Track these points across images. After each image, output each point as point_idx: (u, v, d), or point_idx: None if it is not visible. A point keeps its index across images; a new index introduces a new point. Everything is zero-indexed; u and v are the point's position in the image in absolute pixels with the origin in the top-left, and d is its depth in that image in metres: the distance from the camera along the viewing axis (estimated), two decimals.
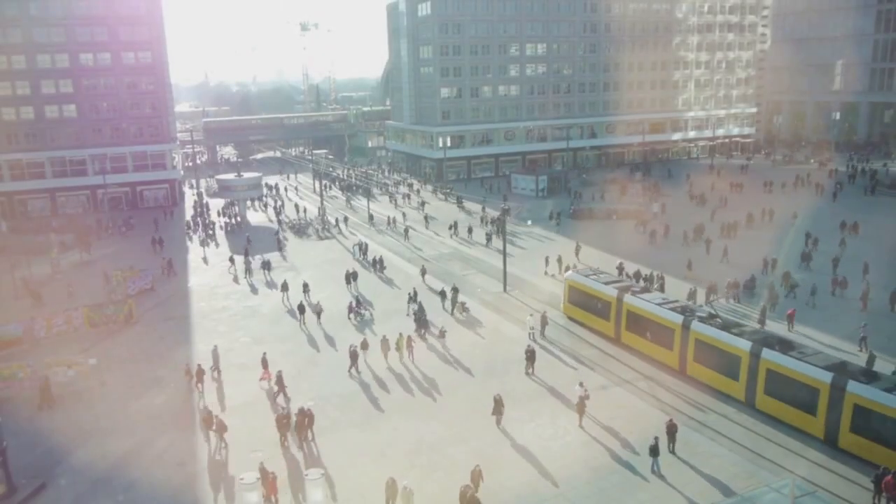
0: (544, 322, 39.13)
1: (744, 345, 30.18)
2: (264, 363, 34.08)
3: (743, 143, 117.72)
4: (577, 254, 54.17)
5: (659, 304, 35.24)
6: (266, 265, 53.36)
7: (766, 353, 29.12)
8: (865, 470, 24.67)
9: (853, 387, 25.82)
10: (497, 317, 42.36)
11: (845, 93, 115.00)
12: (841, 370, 27.05)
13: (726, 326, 32.08)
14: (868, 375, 27.07)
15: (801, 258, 49.95)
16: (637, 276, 46.51)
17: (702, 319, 32.85)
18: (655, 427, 26.25)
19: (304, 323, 42.08)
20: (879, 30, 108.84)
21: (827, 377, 26.74)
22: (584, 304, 39.91)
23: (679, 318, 33.35)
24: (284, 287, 47.31)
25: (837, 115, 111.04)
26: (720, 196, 72.41)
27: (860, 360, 32.65)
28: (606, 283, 38.93)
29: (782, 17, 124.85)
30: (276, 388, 32.06)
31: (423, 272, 51.03)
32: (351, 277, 48.80)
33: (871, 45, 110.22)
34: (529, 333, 38.28)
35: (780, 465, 25.38)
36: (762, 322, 38.23)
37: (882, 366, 32.17)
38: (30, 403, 31.96)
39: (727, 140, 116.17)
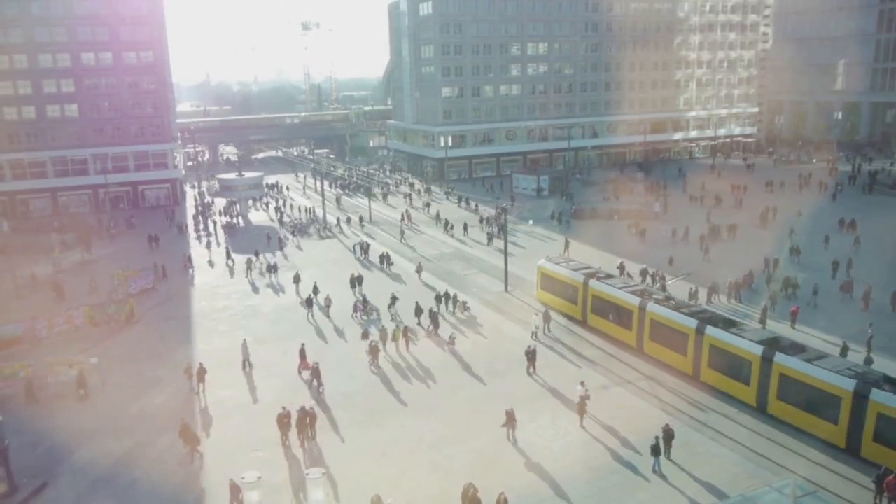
0: (547, 319, 39.46)
1: (690, 322, 32.82)
2: (302, 354, 35.08)
3: (745, 142, 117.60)
4: (566, 249, 54.86)
5: (620, 289, 37.83)
6: (273, 268, 52.53)
7: (710, 330, 31.73)
8: (867, 470, 24.66)
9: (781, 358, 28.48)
10: (498, 316, 42.34)
11: (847, 92, 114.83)
12: (704, 318, 31.76)
13: (677, 307, 34.70)
14: (793, 347, 29.55)
15: (789, 252, 49.94)
16: (644, 273, 46.59)
17: (657, 301, 35.49)
18: (656, 427, 26.21)
19: (312, 316, 42.96)
20: (881, 29, 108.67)
21: (757, 349, 29.32)
22: (554, 289, 42.32)
23: (637, 301, 35.86)
24: (296, 279, 49.10)
25: (839, 115, 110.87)
26: (717, 196, 72.22)
27: (862, 360, 32.59)
28: (575, 270, 41.38)
29: (784, 17, 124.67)
30: (312, 379, 32.94)
31: (420, 269, 51.60)
32: (356, 282, 47.66)
33: (872, 44, 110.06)
34: (533, 333, 38.42)
35: (781, 465, 25.35)
36: (763, 321, 38.19)
37: (882, 366, 32.13)
38: (57, 400, 32.09)
39: (729, 140, 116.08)
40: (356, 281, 47.58)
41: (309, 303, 43.83)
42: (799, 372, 27.68)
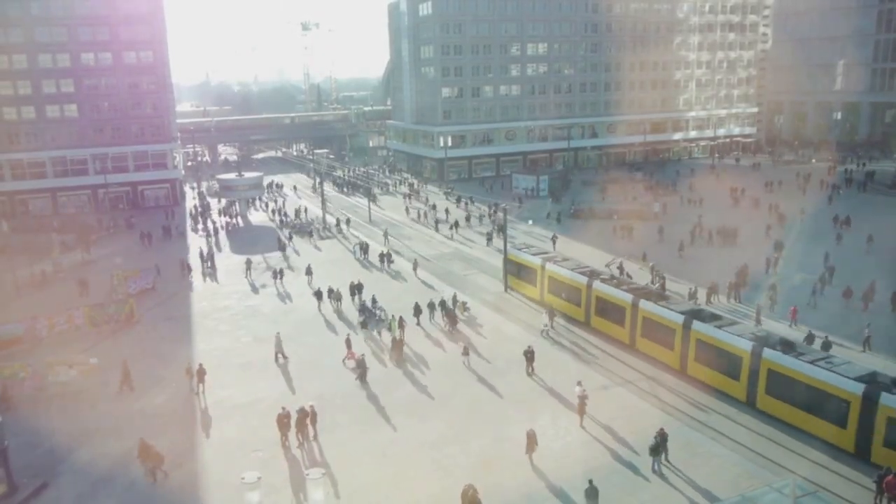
0: (552, 316, 40.04)
1: (626, 297, 36.77)
2: (348, 343, 36.35)
3: (744, 142, 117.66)
4: (553, 243, 55.99)
5: (571, 270, 41.92)
6: (278, 274, 50.76)
7: (643, 304, 35.70)
8: (867, 470, 24.68)
9: (695, 325, 31.93)
10: (498, 316, 42.35)
11: (846, 93, 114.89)
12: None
13: (619, 285, 38.66)
14: (711, 317, 32.71)
15: (765, 263, 48.64)
16: (653, 270, 46.82)
17: (603, 280, 39.44)
18: (656, 427, 26.20)
19: (321, 310, 43.94)
20: (881, 30, 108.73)
21: (747, 346, 30.12)
22: (517, 273, 46.66)
23: (585, 280, 39.98)
24: (308, 271, 50.41)
25: (839, 115, 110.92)
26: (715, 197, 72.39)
27: (860, 360, 32.60)
28: (534, 255, 45.71)
29: (783, 17, 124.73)
30: (358, 370, 33.87)
31: (416, 266, 52.14)
32: (356, 290, 45.76)
33: (872, 45, 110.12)
34: (543, 331, 39.15)
35: (781, 466, 25.35)
36: (758, 321, 38.21)
37: (883, 367, 32.18)
38: (31, 403, 32.02)
39: (728, 140, 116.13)
40: (356, 289, 45.78)
41: (318, 295, 44.81)
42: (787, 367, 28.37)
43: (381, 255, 55.16)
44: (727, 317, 34.70)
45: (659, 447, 25.26)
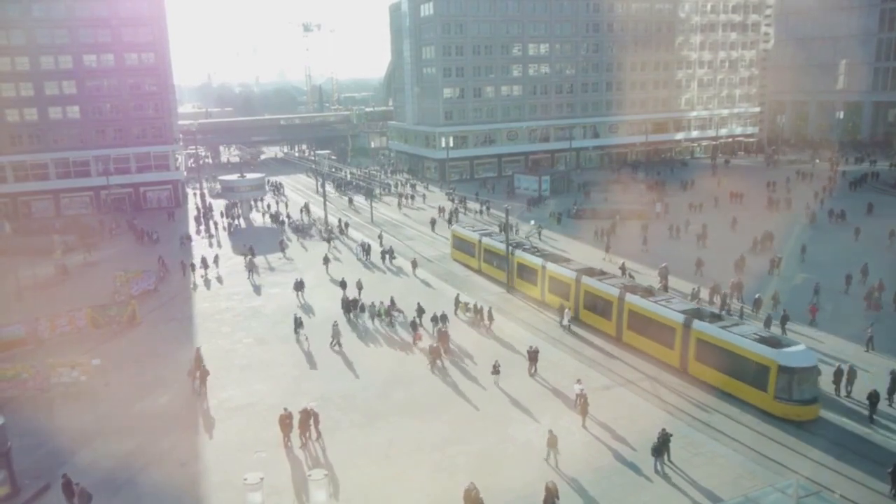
0: (562, 310, 40.56)
1: (570, 274, 41.42)
2: (414, 326, 38.56)
3: (746, 142, 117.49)
4: (539, 235, 57.89)
5: (500, 242, 48.86)
6: (299, 285, 47.56)
7: (585, 279, 40.07)
8: (871, 470, 24.64)
9: (697, 325, 32.48)
10: (500, 317, 42.26)
11: (849, 92, 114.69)
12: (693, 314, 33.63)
13: (554, 260, 44.21)
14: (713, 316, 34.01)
15: (770, 264, 48.68)
16: (663, 272, 46.71)
17: (523, 249, 46.86)
18: (658, 427, 26.15)
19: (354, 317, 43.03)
20: (883, 29, 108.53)
21: (680, 318, 33.25)
22: (461, 247, 54.53)
23: (509, 250, 46.40)
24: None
25: (841, 115, 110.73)
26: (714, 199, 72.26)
27: (863, 360, 32.58)
28: (473, 231, 53.89)
29: (786, 17, 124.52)
30: (432, 357, 34.89)
31: (415, 265, 52.39)
32: (350, 306, 42.99)
33: (874, 44, 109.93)
34: (566, 326, 39.90)
35: (784, 466, 25.30)
36: (767, 324, 38.10)
37: (881, 364, 32.14)
38: (33, 404, 32.05)
39: (730, 139, 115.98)
40: (350, 305, 43.03)
41: (350, 306, 43.04)
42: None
43: (382, 253, 55.70)
44: (660, 292, 39.09)
45: (661, 448, 25.21)
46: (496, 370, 32.86)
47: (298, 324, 40.14)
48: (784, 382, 28.28)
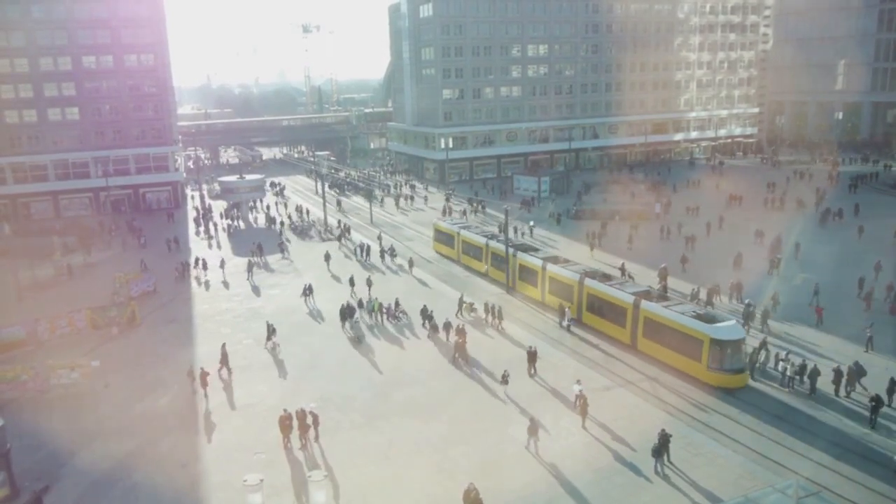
0: (562, 310, 40.74)
1: (536, 262, 44.95)
2: (435, 327, 39.24)
3: (745, 143, 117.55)
4: (531, 233, 61.36)
5: (476, 234, 53.43)
6: (308, 290, 46.92)
7: (550, 267, 43.70)
8: (871, 470, 24.64)
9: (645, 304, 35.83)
10: (487, 318, 42.18)
11: (848, 93, 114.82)
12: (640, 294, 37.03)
13: (524, 249, 47.69)
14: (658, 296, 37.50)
15: (769, 263, 48.80)
16: (662, 272, 46.76)
17: (496, 238, 51.52)
18: (658, 428, 26.15)
19: (315, 311, 44.00)
20: (882, 29, 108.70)
21: (630, 299, 36.58)
22: (442, 240, 58.18)
23: (483, 240, 51.56)
24: (326, 257, 51.67)
25: (840, 115, 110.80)
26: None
27: (862, 360, 32.60)
28: (452, 224, 57.69)
29: (784, 17, 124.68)
30: (456, 352, 35.54)
31: (411, 264, 53.13)
32: (347, 313, 41.76)
33: (873, 44, 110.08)
34: (567, 325, 40.11)
35: (784, 466, 25.30)
36: (764, 322, 38.19)
37: (880, 365, 32.17)
38: (33, 406, 32.02)
39: (730, 140, 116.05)
40: (346, 313, 41.86)
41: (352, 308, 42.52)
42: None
43: (382, 252, 56.60)
44: (616, 277, 42.61)
45: (661, 449, 25.20)
46: (505, 380, 31.92)
47: (271, 331, 38.92)
48: (715, 353, 31.39)
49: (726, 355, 31.35)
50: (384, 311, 42.29)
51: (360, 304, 43.75)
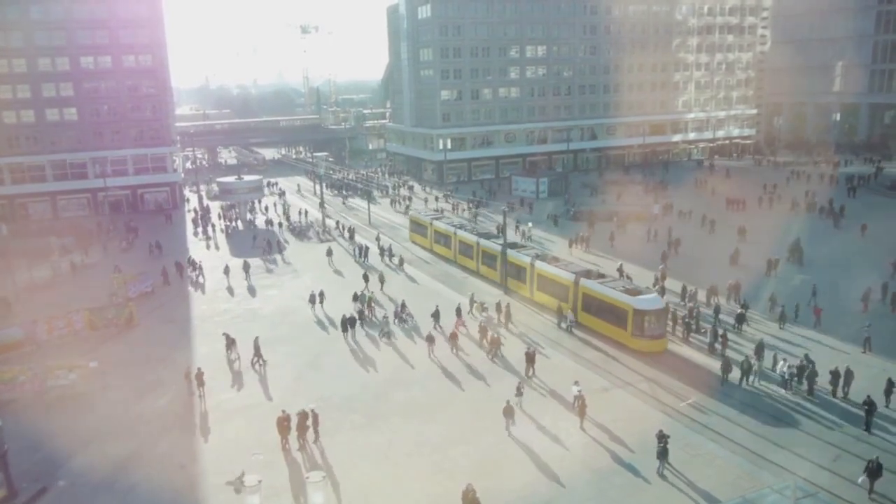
0: (560, 312, 40.93)
1: (496, 247, 48.88)
2: (458, 312, 40.33)
3: (743, 144, 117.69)
4: (526, 231, 62.59)
5: (447, 224, 57.53)
6: (320, 296, 45.44)
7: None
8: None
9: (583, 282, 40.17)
10: (499, 318, 42.26)
11: (845, 94, 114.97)
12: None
13: (487, 237, 52.30)
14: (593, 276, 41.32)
15: (766, 266, 48.97)
16: (662, 272, 47.29)
17: (461, 227, 56.32)
18: (657, 429, 26.18)
19: (315, 312, 44.29)
20: (879, 31, 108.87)
21: (571, 277, 40.94)
22: (417, 230, 62.45)
23: (453, 230, 55.61)
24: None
25: (838, 117, 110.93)
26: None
27: (863, 361, 32.64)
28: (426, 216, 61.91)
29: (782, 19, 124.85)
30: (488, 347, 36.63)
31: (401, 262, 55.14)
32: (348, 324, 40.38)
33: (871, 46, 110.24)
34: (568, 326, 40.22)
35: (781, 467, 25.32)
36: (782, 322, 38.55)
37: (878, 365, 32.22)
38: (30, 407, 31.97)
39: (727, 141, 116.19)
40: (348, 324, 40.37)
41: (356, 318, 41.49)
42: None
43: (381, 253, 57.09)
44: (563, 259, 46.61)
45: (665, 450, 25.20)
46: (519, 392, 30.78)
47: (230, 342, 37.47)
48: (637, 322, 35.79)
49: (647, 323, 35.87)
50: (370, 305, 43.36)
51: (362, 314, 42.33)
